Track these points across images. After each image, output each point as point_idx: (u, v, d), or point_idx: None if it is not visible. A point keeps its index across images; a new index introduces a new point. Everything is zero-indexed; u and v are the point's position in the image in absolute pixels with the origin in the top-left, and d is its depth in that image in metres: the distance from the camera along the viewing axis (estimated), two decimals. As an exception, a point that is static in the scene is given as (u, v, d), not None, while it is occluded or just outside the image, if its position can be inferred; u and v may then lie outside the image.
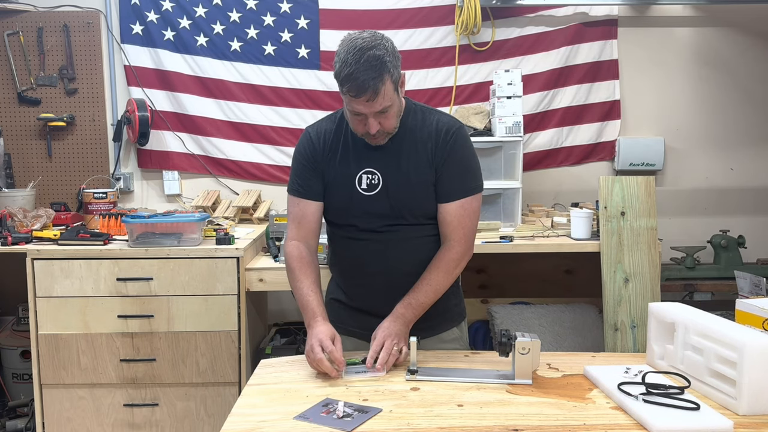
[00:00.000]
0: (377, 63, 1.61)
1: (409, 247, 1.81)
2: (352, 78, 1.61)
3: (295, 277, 1.81)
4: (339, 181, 1.81)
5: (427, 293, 1.76)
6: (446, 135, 1.78)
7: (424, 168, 1.78)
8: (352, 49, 1.61)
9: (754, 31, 3.45)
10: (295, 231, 1.86)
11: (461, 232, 1.79)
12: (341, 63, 1.63)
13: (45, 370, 2.62)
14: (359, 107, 1.66)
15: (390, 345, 1.68)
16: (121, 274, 2.58)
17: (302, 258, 1.83)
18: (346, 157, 1.81)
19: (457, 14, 3.29)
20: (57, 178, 3.42)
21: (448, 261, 1.79)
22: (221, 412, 2.61)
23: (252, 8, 3.37)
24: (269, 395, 1.57)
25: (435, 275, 1.78)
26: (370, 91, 1.62)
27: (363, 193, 1.79)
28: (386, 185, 1.78)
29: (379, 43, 1.63)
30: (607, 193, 2.67)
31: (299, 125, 3.41)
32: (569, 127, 3.46)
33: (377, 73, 1.61)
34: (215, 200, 3.33)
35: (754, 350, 1.37)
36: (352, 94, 1.63)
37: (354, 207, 1.80)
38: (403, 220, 1.80)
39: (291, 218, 1.88)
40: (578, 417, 1.42)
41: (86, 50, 3.38)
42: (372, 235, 1.81)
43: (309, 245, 1.86)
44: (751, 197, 3.54)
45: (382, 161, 1.79)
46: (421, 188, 1.78)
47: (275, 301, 3.48)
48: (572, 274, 3.27)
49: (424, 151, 1.78)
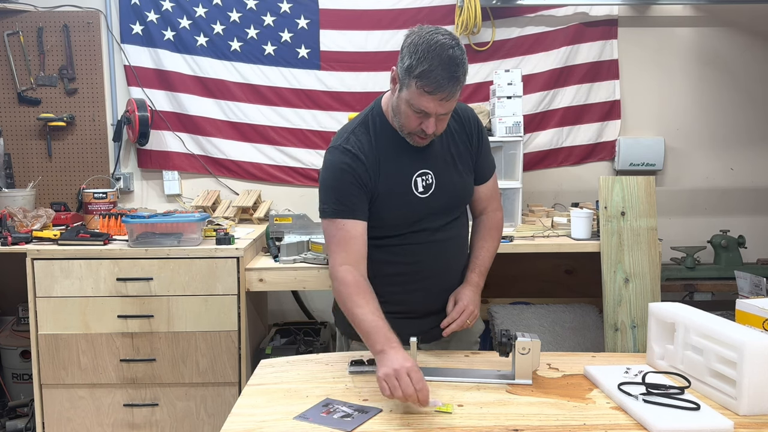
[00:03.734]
0: (459, 63, 1.59)
1: (460, 239, 1.88)
2: (431, 74, 1.56)
3: (355, 303, 1.64)
4: (395, 190, 1.75)
5: (489, 258, 1.90)
6: (472, 120, 1.87)
7: (465, 157, 1.84)
8: (434, 45, 1.57)
9: (754, 31, 3.45)
10: (344, 256, 1.70)
11: (497, 201, 1.97)
12: (418, 57, 1.57)
13: (45, 370, 2.62)
14: (429, 104, 1.61)
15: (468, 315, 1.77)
16: (121, 274, 2.58)
17: (359, 284, 1.68)
18: (395, 164, 1.75)
19: (457, 14, 3.29)
20: (57, 178, 3.42)
21: (498, 227, 1.95)
22: (221, 412, 2.61)
23: (252, 8, 3.37)
24: (269, 395, 1.57)
25: (490, 241, 1.91)
26: (448, 91, 1.59)
27: (420, 195, 1.77)
28: (440, 183, 1.79)
29: (458, 44, 1.61)
30: (607, 193, 2.67)
31: (299, 125, 3.42)
32: (569, 127, 3.46)
33: (458, 73, 1.59)
34: (215, 200, 3.33)
35: (754, 350, 1.37)
36: (428, 90, 1.59)
37: (412, 212, 1.78)
38: (455, 212, 1.85)
39: (335, 243, 1.72)
40: (578, 417, 1.42)
41: (86, 50, 3.38)
42: (430, 235, 1.80)
43: (360, 270, 1.71)
44: (751, 197, 3.54)
45: (430, 160, 1.78)
46: (468, 176, 1.85)
47: (275, 301, 3.48)
48: (572, 274, 3.27)
49: (461, 139, 1.83)
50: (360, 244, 1.71)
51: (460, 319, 1.76)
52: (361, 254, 1.72)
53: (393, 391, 1.42)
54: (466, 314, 1.77)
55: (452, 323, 1.76)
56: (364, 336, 1.62)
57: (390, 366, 1.45)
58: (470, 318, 1.78)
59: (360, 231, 1.72)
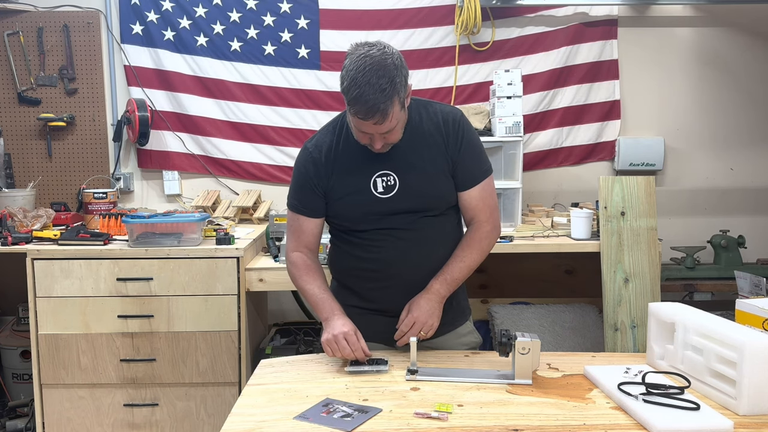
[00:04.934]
0: (387, 86, 1.58)
1: (435, 238, 1.83)
2: (361, 100, 1.58)
3: (304, 280, 1.85)
4: (351, 191, 1.79)
5: (461, 269, 1.81)
6: (454, 125, 1.81)
7: (438, 159, 1.79)
8: (362, 68, 1.57)
9: (754, 31, 3.45)
10: (295, 243, 1.89)
11: (487, 212, 1.85)
12: (350, 82, 1.59)
13: (45, 370, 2.62)
14: (366, 128, 1.65)
15: (419, 326, 1.74)
16: (121, 274, 2.58)
17: (308, 265, 1.87)
18: (354, 165, 1.79)
19: (457, 14, 3.29)
20: (57, 178, 3.42)
21: (480, 239, 1.83)
22: (221, 412, 2.61)
23: (252, 8, 3.37)
24: (269, 395, 1.57)
25: (468, 252, 1.82)
26: (379, 115, 1.60)
27: (380, 196, 1.77)
28: (404, 184, 1.77)
29: (389, 62, 1.59)
30: (607, 193, 2.67)
31: (299, 125, 3.42)
32: (569, 127, 3.46)
33: (387, 96, 1.58)
34: (215, 200, 3.33)
35: (754, 350, 1.37)
36: (360, 117, 1.61)
37: (373, 212, 1.78)
38: (429, 212, 1.81)
39: (290, 231, 1.90)
40: (578, 417, 1.42)
41: (86, 50, 3.38)
42: (399, 233, 1.79)
43: (310, 256, 1.89)
44: (751, 197, 3.54)
45: (395, 161, 1.77)
46: (441, 179, 1.80)
47: (275, 301, 3.48)
48: (572, 274, 3.27)
49: (435, 143, 1.79)
50: (310, 236, 1.88)
51: (411, 332, 1.73)
52: (311, 244, 1.89)
53: (334, 353, 1.69)
54: (417, 326, 1.74)
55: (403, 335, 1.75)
56: (313, 307, 1.84)
57: (330, 332, 1.71)
58: (424, 329, 1.74)
59: (311, 227, 1.87)
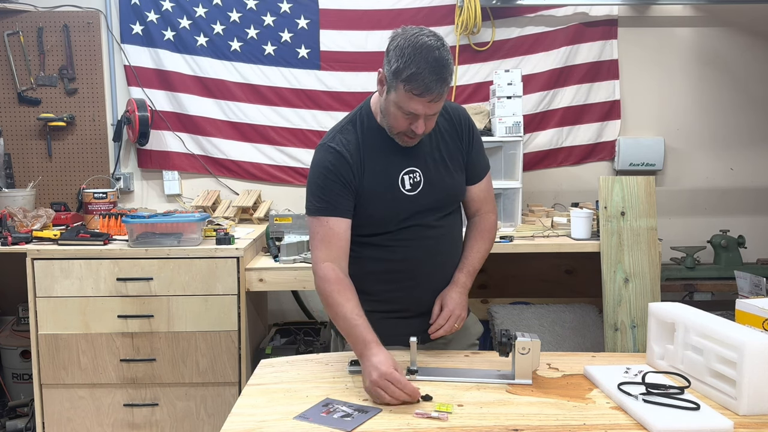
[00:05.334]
0: (445, 64, 1.60)
1: (452, 237, 1.87)
2: (419, 77, 1.57)
3: (335, 301, 1.68)
4: (379, 189, 1.76)
5: (480, 260, 1.87)
6: (462, 120, 1.86)
7: (455, 154, 1.83)
8: (420, 47, 1.58)
9: (754, 31, 3.45)
10: (326, 252, 1.72)
11: (492, 203, 1.94)
12: (405, 60, 1.58)
13: (45, 370, 2.62)
14: (417, 106, 1.62)
15: (455, 319, 1.76)
16: (121, 274, 2.58)
17: (340, 280, 1.70)
18: (382, 162, 1.77)
19: (457, 14, 3.29)
20: (57, 178, 3.42)
21: (490, 228, 1.91)
22: (221, 412, 2.61)
23: (252, 8, 3.37)
24: (269, 395, 1.57)
25: (482, 243, 1.88)
26: (436, 93, 1.60)
27: (408, 193, 1.77)
28: (429, 180, 1.78)
29: (443, 45, 1.62)
30: (607, 193, 2.67)
31: (299, 125, 3.42)
32: (569, 127, 3.46)
33: (445, 74, 1.60)
34: (215, 200, 3.33)
35: (754, 350, 1.37)
36: (416, 93, 1.60)
37: (401, 210, 1.77)
38: (446, 210, 1.84)
39: (318, 239, 1.74)
40: (578, 417, 1.42)
41: (86, 50, 3.38)
42: (423, 232, 1.80)
43: (342, 267, 1.73)
44: (751, 197, 3.54)
45: (418, 158, 1.78)
46: (459, 174, 1.84)
47: (275, 301, 3.48)
48: (572, 274, 3.27)
49: (450, 138, 1.83)
50: (342, 240, 1.74)
51: (447, 325, 1.75)
52: (343, 251, 1.74)
53: (384, 400, 1.47)
54: (453, 319, 1.76)
55: (439, 329, 1.76)
56: (344, 334, 1.68)
57: (372, 375, 1.50)
58: (457, 322, 1.77)
59: (343, 228, 1.74)
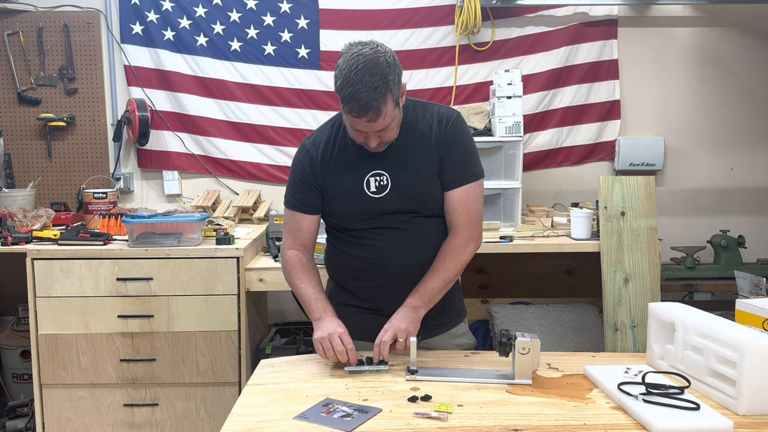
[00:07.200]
0: (380, 83, 1.59)
1: (427, 238, 1.82)
2: (354, 98, 1.59)
3: (298, 279, 1.84)
4: (345, 189, 1.80)
5: (436, 280, 1.78)
6: (447, 123, 1.80)
7: (430, 159, 1.79)
8: (354, 67, 1.58)
9: (754, 31, 3.45)
10: (292, 241, 1.89)
11: (466, 218, 1.81)
12: (343, 80, 1.60)
13: (45, 370, 2.62)
14: (360, 126, 1.66)
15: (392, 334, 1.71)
16: (121, 274, 2.58)
17: (303, 263, 1.86)
18: (349, 163, 1.80)
19: (457, 14, 3.29)
20: (57, 178, 3.42)
21: (455, 248, 1.80)
22: (221, 412, 2.61)
23: (252, 8, 3.37)
24: (269, 395, 1.57)
25: (442, 262, 1.79)
26: (372, 112, 1.61)
27: (373, 196, 1.78)
28: (396, 184, 1.78)
29: (381, 60, 1.60)
30: (607, 193, 2.67)
31: (299, 125, 3.42)
32: (569, 127, 3.46)
33: (379, 93, 1.59)
34: (215, 200, 3.33)
35: (754, 350, 1.37)
36: (354, 114, 1.62)
37: (366, 211, 1.79)
38: (418, 213, 1.81)
39: (287, 229, 1.90)
40: (578, 417, 1.42)
41: (86, 50, 3.38)
42: (390, 232, 1.80)
43: (305, 254, 1.89)
44: (751, 197, 3.54)
45: (388, 161, 1.78)
46: (432, 180, 1.79)
47: (275, 301, 3.48)
48: (572, 274, 3.27)
49: (428, 143, 1.79)
50: (306, 233, 1.88)
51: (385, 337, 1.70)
52: (308, 242, 1.89)
53: (326, 352, 1.68)
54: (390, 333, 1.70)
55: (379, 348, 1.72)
56: (305, 307, 1.83)
57: (324, 330, 1.71)
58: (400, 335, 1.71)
59: (307, 223, 1.87)
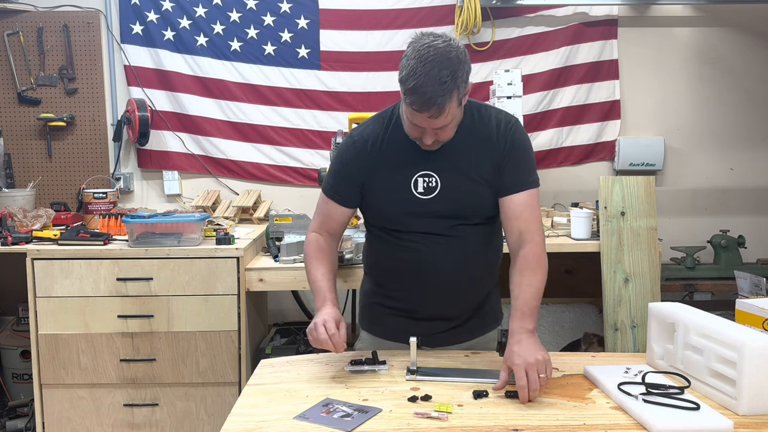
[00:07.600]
0: (448, 79, 1.50)
1: (469, 249, 1.75)
2: (418, 92, 1.51)
3: (311, 264, 1.80)
4: (392, 186, 1.72)
5: (534, 296, 1.67)
6: (506, 128, 1.72)
7: (484, 165, 1.70)
8: (424, 58, 1.50)
9: (754, 31, 3.45)
10: (318, 225, 1.85)
11: (537, 224, 1.72)
12: (409, 71, 1.52)
13: (45, 370, 2.62)
14: (420, 121, 1.58)
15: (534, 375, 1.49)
16: (121, 274, 2.58)
17: (321, 248, 1.82)
18: (398, 161, 1.72)
19: (457, 14, 3.29)
20: (57, 178, 3.42)
21: (538, 255, 1.70)
22: (221, 412, 2.61)
23: (252, 8, 3.37)
24: (269, 395, 1.56)
25: (532, 276, 1.69)
26: (435, 108, 1.52)
27: (420, 197, 1.71)
28: (445, 187, 1.71)
29: (453, 55, 1.52)
30: (607, 193, 2.67)
31: (299, 125, 3.42)
32: (569, 127, 3.46)
33: (446, 89, 1.51)
34: (215, 200, 3.33)
35: (754, 350, 1.37)
36: (415, 108, 1.54)
37: (412, 212, 1.73)
38: (464, 220, 1.73)
39: (318, 212, 1.86)
40: (578, 417, 1.42)
41: (86, 50, 3.38)
42: (435, 238, 1.73)
43: (327, 240, 1.85)
44: (751, 197, 3.54)
45: (439, 162, 1.70)
46: (482, 186, 1.71)
47: (275, 301, 3.48)
48: (572, 274, 3.26)
49: (484, 148, 1.70)
50: (335, 223, 1.84)
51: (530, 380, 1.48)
52: (334, 230, 1.85)
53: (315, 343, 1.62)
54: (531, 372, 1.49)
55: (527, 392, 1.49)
56: (312, 290, 1.79)
57: (314, 320, 1.65)
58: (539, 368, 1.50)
59: (338, 213, 1.82)
